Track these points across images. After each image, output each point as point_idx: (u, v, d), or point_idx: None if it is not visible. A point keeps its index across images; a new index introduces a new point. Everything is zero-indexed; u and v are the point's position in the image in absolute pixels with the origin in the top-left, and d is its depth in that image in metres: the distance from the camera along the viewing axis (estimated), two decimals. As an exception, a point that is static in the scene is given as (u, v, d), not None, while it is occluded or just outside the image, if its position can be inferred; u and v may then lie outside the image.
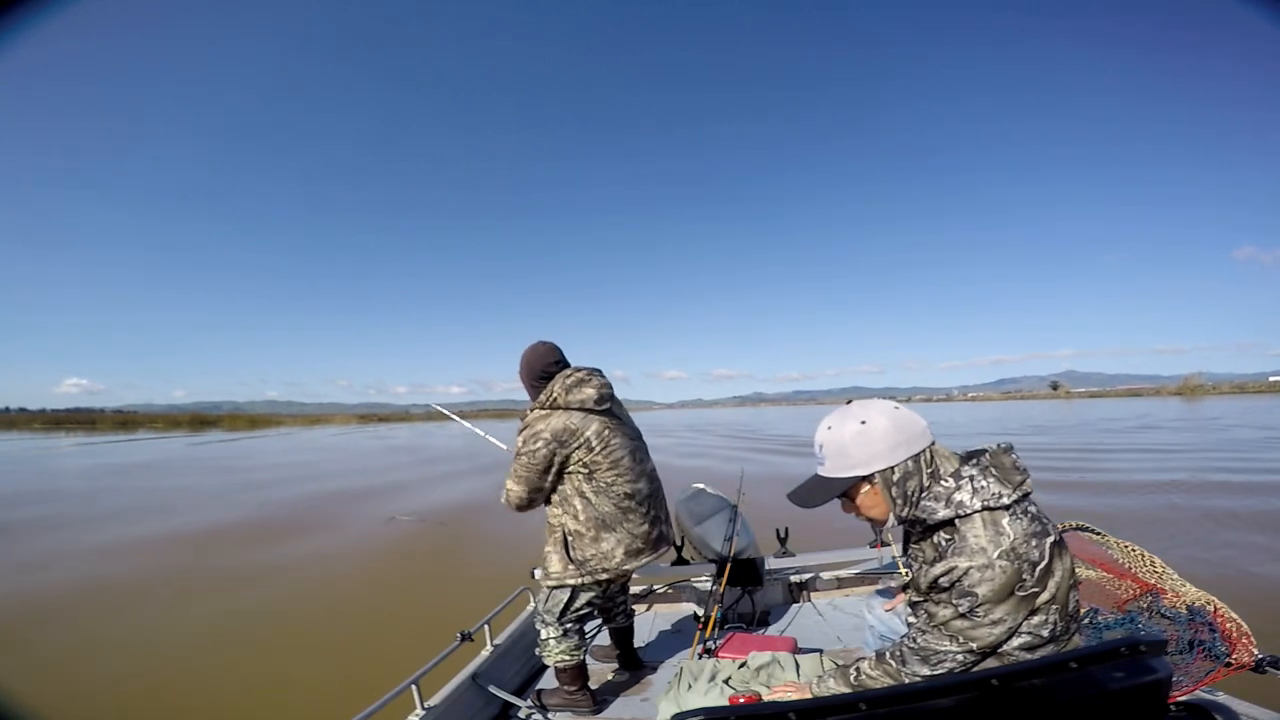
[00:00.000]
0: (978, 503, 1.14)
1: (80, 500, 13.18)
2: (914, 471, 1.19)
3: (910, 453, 1.19)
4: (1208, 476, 10.12)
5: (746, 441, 24.92)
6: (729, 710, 1.06)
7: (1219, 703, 1.57)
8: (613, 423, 2.18)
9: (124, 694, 4.00)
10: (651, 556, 2.22)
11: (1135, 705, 1.00)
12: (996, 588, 1.09)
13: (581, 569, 2.12)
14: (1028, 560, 1.10)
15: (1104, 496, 8.85)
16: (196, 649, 4.67)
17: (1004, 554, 1.10)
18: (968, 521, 1.14)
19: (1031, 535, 1.12)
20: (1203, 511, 7.49)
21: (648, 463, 2.32)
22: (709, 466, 14.44)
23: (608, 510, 2.12)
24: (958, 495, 1.15)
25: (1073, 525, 1.92)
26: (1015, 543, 1.11)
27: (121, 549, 8.06)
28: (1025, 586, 1.10)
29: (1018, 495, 1.15)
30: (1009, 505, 1.14)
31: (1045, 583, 1.12)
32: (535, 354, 2.27)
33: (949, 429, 28.47)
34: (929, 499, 1.18)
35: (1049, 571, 1.12)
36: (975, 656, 1.16)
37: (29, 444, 39.09)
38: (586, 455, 2.10)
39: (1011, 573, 1.09)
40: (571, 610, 2.19)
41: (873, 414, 1.21)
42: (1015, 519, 1.13)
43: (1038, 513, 1.17)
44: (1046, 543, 1.12)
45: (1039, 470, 11.50)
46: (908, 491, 1.19)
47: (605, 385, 2.20)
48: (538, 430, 2.09)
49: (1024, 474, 1.20)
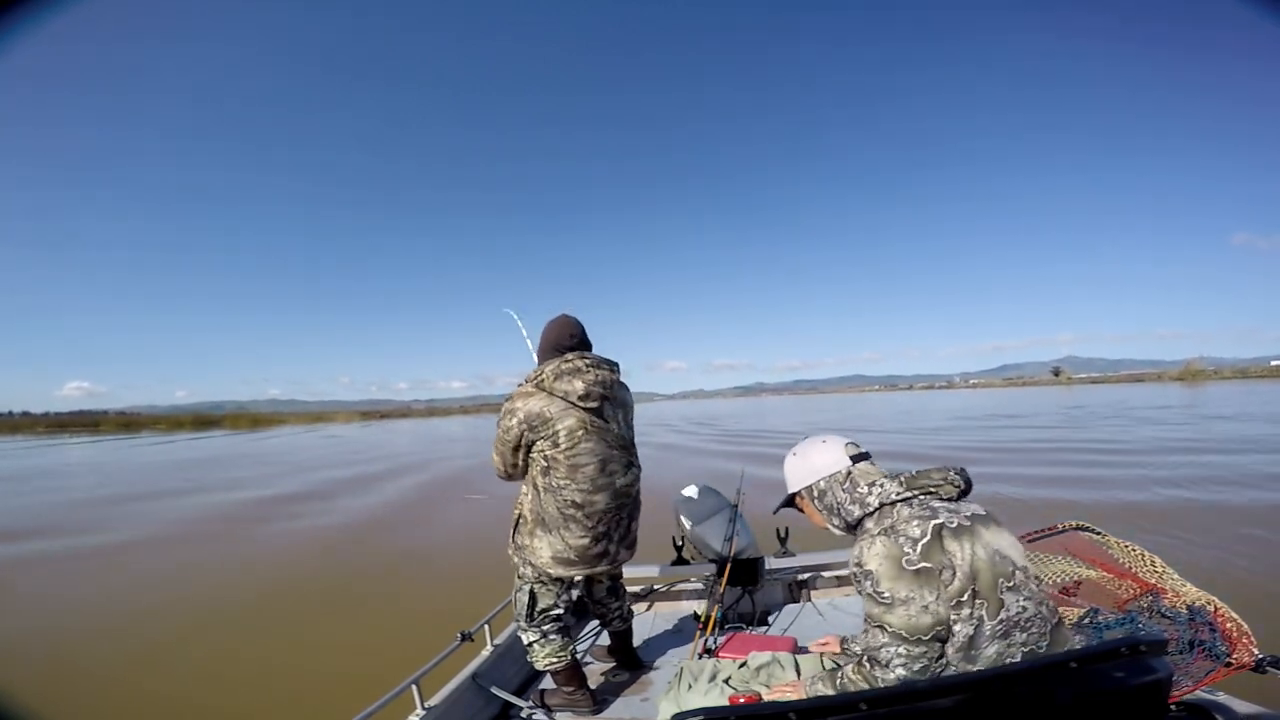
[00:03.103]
0: (876, 501, 1.38)
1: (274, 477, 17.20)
2: (827, 489, 1.47)
3: (820, 475, 1.48)
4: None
5: (701, 438, 24.47)
6: (729, 710, 1.06)
7: (1219, 703, 1.57)
8: (594, 423, 2.05)
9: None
10: (586, 569, 2.12)
11: (1135, 705, 1.00)
12: (883, 561, 1.25)
13: (519, 553, 2.14)
14: (906, 535, 1.26)
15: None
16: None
17: (884, 530, 1.30)
18: (869, 516, 1.39)
19: (914, 517, 1.29)
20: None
21: (621, 476, 2.14)
22: (709, 467, 14.45)
23: (550, 512, 2.05)
24: (867, 498, 1.39)
25: (1073, 525, 1.91)
26: (895, 522, 1.30)
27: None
28: (911, 561, 1.23)
29: (912, 493, 1.35)
30: (901, 499, 1.35)
31: (936, 561, 1.22)
32: (552, 327, 2.19)
33: (956, 414, 28.36)
34: (849, 505, 1.42)
35: (939, 551, 1.23)
36: (911, 645, 1.22)
37: (93, 449, 40.25)
38: (550, 449, 2.01)
39: (890, 545, 1.26)
40: (537, 611, 2.16)
41: (803, 448, 1.56)
42: (905, 506, 1.34)
43: (939, 506, 1.33)
44: (930, 523, 1.26)
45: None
46: (828, 504, 1.47)
47: (601, 382, 2.07)
48: (515, 407, 2.03)
49: (942, 484, 1.37)
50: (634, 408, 2.30)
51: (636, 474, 2.25)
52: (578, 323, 2.21)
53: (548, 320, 2.23)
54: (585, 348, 2.20)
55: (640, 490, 2.29)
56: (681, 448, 20.18)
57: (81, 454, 33.84)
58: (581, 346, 2.19)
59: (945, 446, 16.57)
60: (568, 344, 2.14)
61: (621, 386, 2.22)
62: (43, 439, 64.10)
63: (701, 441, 22.79)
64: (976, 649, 1.20)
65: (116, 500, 13.99)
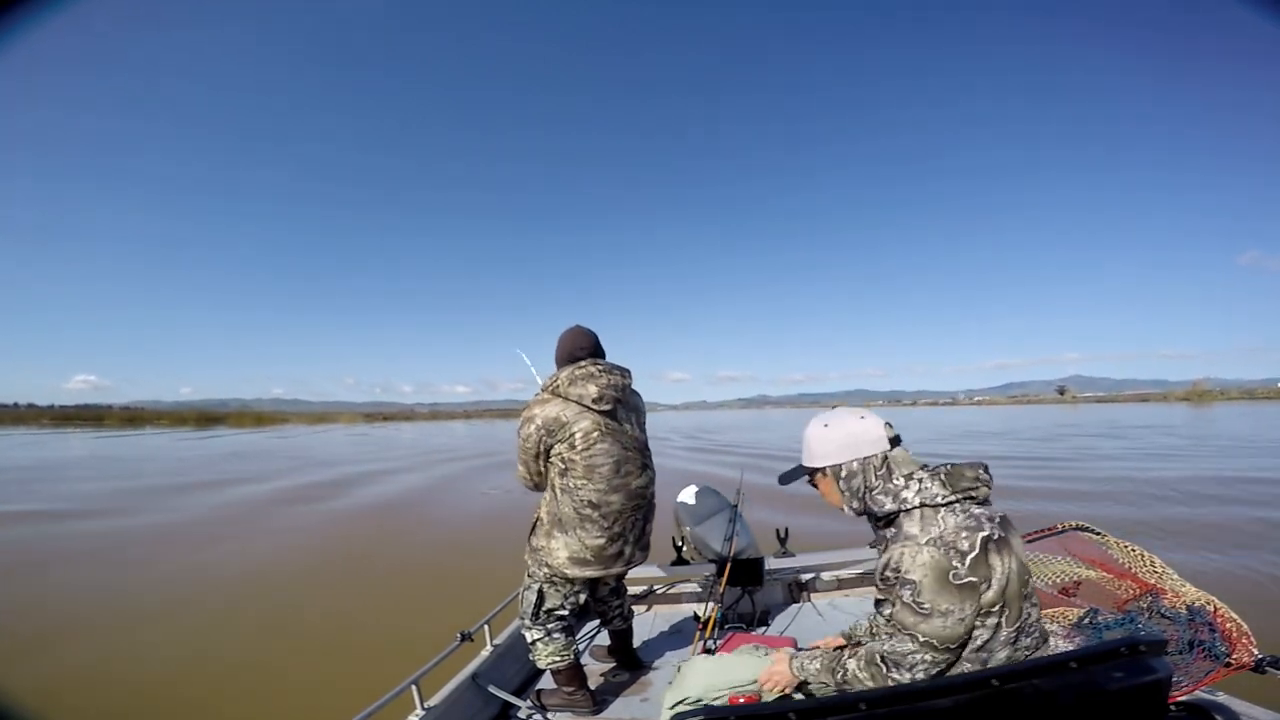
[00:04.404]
0: (917, 499, 1.26)
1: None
2: (858, 471, 1.35)
3: (856, 455, 1.35)
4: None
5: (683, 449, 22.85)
6: (729, 710, 1.06)
7: (1219, 703, 1.57)
8: (608, 425, 2.09)
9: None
10: (601, 570, 2.13)
11: (1135, 705, 1.01)
12: (929, 572, 1.17)
13: (533, 555, 2.15)
14: (955, 549, 1.18)
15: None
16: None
17: (932, 541, 1.20)
18: (908, 515, 1.27)
19: (963, 528, 1.21)
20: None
21: (636, 477, 2.17)
22: (708, 467, 14.40)
23: (566, 512, 2.07)
24: (904, 493, 1.28)
25: (1073, 525, 1.92)
26: (944, 532, 1.21)
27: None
28: (959, 575, 1.17)
29: (956, 496, 1.25)
30: (946, 503, 1.25)
31: (982, 575, 1.17)
32: (567, 337, 2.22)
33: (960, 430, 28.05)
34: (879, 494, 1.31)
35: (984, 565, 1.18)
36: (939, 654, 1.19)
37: (140, 440, 41.38)
38: (567, 452, 2.05)
39: (940, 558, 1.17)
40: (543, 610, 2.17)
41: (837, 419, 1.40)
42: (950, 513, 1.24)
43: (981, 514, 1.24)
44: (979, 536, 1.19)
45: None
46: (854, 487, 1.35)
47: (614, 386, 2.10)
48: (533, 414, 2.08)
49: (977, 484, 1.28)
50: (646, 413, 2.33)
51: (651, 476, 2.26)
52: (591, 333, 2.23)
53: (562, 331, 2.25)
54: (598, 357, 2.22)
55: (655, 493, 2.30)
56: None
57: (119, 446, 34.34)
58: (594, 356, 2.20)
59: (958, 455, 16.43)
60: (581, 354, 2.17)
61: (633, 392, 2.24)
62: (48, 431, 64.44)
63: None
64: (989, 652, 1.20)
65: (182, 489, 14.70)
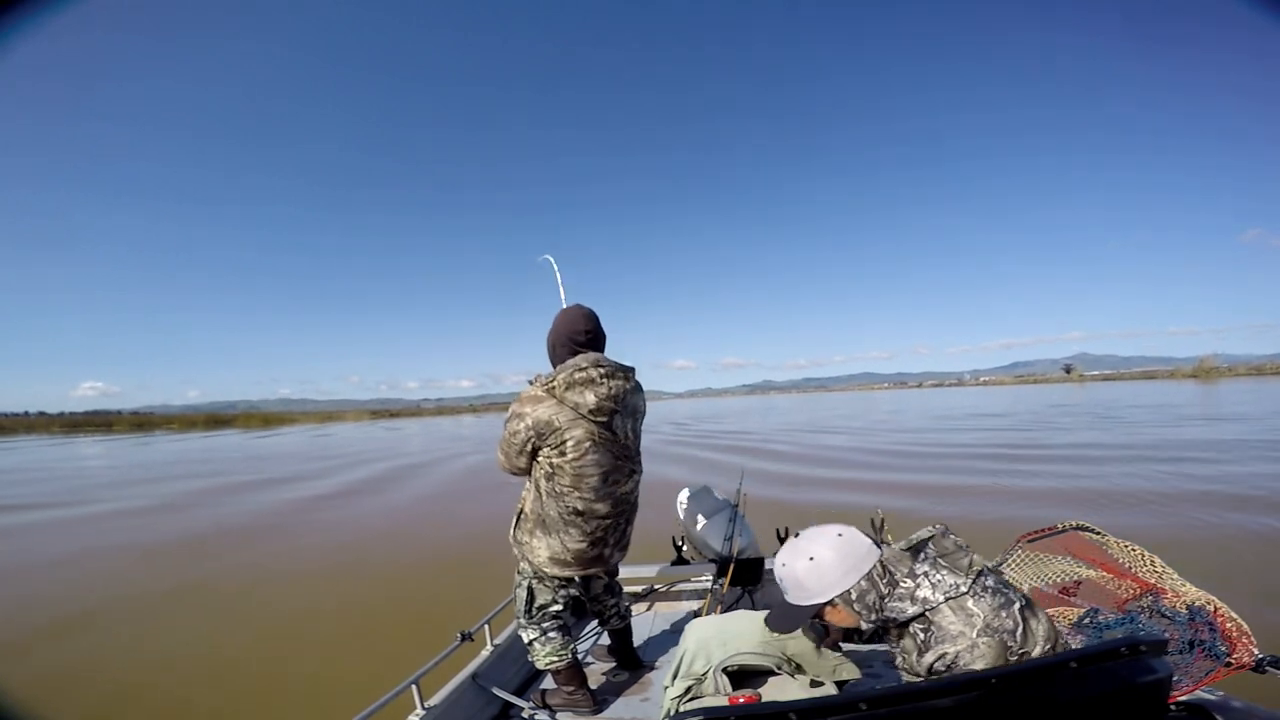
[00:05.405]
0: (940, 596, 1.23)
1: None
2: (869, 588, 1.29)
3: (860, 574, 1.29)
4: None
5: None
6: (729, 710, 1.06)
7: (1219, 703, 1.56)
8: (602, 435, 1.98)
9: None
10: (579, 570, 2.13)
11: (1135, 705, 1.00)
12: (990, 662, 1.16)
13: (518, 547, 2.15)
14: (1004, 630, 1.18)
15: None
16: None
17: (981, 631, 1.18)
18: (936, 612, 1.23)
19: (998, 608, 1.21)
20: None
21: (625, 485, 2.11)
22: (708, 466, 14.43)
23: (551, 515, 2.03)
24: (920, 593, 1.25)
25: (1073, 525, 1.90)
26: (987, 619, 1.19)
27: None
28: (1013, 651, 1.17)
29: (971, 579, 1.24)
30: (966, 591, 1.23)
31: (1028, 640, 1.19)
32: (565, 318, 2.08)
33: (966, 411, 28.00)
34: (895, 600, 1.27)
35: (1028, 631, 1.19)
36: None
37: (182, 444, 42.04)
38: (556, 457, 1.96)
39: (997, 645, 1.17)
40: (535, 607, 2.17)
41: (819, 548, 1.33)
42: (977, 599, 1.22)
43: (995, 584, 1.26)
44: (1015, 608, 1.21)
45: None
46: (869, 604, 1.29)
47: (613, 395, 1.98)
48: (524, 411, 1.96)
49: (967, 553, 1.29)
50: (645, 413, 2.23)
51: (637, 479, 2.21)
52: (592, 315, 2.10)
53: (560, 310, 2.14)
54: (598, 342, 2.11)
55: (639, 494, 2.26)
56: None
57: (153, 452, 34.48)
58: (594, 342, 2.09)
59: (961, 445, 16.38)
60: (580, 338, 2.05)
61: (634, 393, 2.13)
62: (59, 439, 65.14)
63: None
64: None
65: (236, 489, 15.05)
